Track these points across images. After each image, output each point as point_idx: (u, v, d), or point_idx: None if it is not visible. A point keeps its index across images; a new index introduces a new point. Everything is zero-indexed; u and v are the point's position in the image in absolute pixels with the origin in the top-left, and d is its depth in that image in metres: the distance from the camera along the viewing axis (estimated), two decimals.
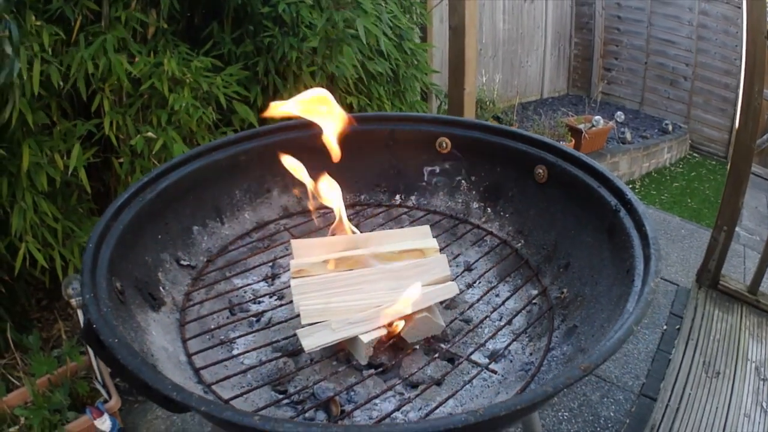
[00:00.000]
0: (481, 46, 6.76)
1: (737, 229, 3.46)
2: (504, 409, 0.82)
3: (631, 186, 6.58)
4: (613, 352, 0.93)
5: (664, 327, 3.22)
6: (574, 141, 6.08)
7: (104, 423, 2.21)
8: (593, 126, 6.35)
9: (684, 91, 7.55)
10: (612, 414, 2.64)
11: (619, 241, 1.32)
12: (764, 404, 2.62)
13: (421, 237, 1.51)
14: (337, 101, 2.89)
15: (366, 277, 1.36)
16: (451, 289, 1.35)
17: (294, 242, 1.46)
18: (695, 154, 7.69)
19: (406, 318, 1.28)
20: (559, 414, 2.62)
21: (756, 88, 2.90)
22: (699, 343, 2.98)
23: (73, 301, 2.27)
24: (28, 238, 2.29)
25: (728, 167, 3.21)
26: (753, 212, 5.52)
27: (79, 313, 2.26)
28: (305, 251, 1.44)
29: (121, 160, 2.50)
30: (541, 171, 1.65)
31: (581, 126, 6.21)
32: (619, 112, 7.43)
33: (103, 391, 2.34)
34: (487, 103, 6.29)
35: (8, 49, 1.98)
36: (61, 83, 2.27)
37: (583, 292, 1.40)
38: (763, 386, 2.73)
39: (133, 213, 1.38)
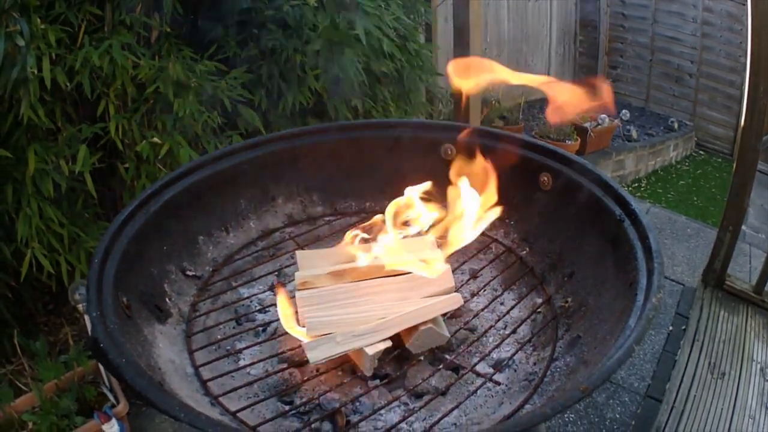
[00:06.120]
0: (485, 45, 6.73)
1: (743, 227, 3.45)
2: (502, 431, 0.83)
3: (637, 184, 6.57)
4: (613, 371, 0.94)
5: (670, 327, 3.21)
6: (579, 139, 6.05)
7: (112, 427, 2.22)
8: (599, 124, 6.32)
9: (689, 88, 7.52)
10: (617, 416, 2.64)
11: (623, 252, 1.32)
12: None
13: (425, 247, 1.51)
14: (342, 104, 2.92)
15: (370, 289, 1.37)
16: (455, 301, 1.35)
17: (299, 253, 1.47)
18: (701, 152, 7.66)
19: (411, 330, 1.29)
20: (565, 416, 2.62)
21: (761, 88, 2.89)
22: (704, 344, 2.98)
23: (80, 307, 2.28)
24: (34, 244, 2.30)
25: (734, 166, 3.20)
26: (759, 210, 5.50)
27: (86, 318, 2.27)
28: (310, 262, 1.45)
29: (127, 165, 2.51)
30: (545, 178, 1.65)
31: (587, 124, 6.18)
32: (624, 110, 7.41)
33: (110, 396, 2.35)
34: (493, 102, 6.26)
35: (21, 42, 2.00)
36: (68, 83, 2.28)
37: (587, 302, 1.40)
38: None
39: (138, 225, 1.39)
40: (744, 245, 4.38)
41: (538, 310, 1.50)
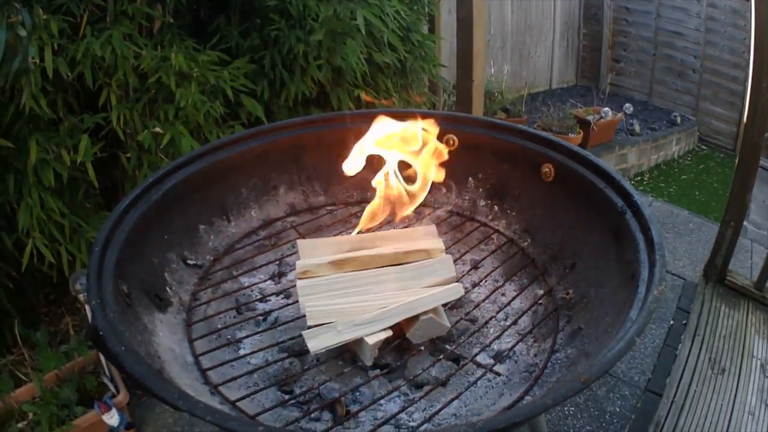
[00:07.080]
0: (489, 37, 6.72)
1: (744, 223, 3.45)
2: (503, 422, 0.83)
3: (639, 178, 6.56)
4: (614, 363, 0.94)
5: (671, 322, 3.21)
6: (582, 132, 6.04)
7: (112, 417, 2.22)
8: (602, 117, 6.31)
9: (692, 83, 7.50)
10: (617, 409, 2.64)
11: (625, 244, 1.32)
12: None
13: (427, 237, 1.51)
14: (345, 94, 2.91)
15: (371, 279, 1.37)
16: (456, 291, 1.35)
17: (300, 242, 1.47)
18: (703, 147, 7.65)
19: (411, 319, 1.29)
20: (565, 409, 2.63)
21: (764, 84, 2.88)
22: (705, 339, 2.98)
23: (81, 297, 2.28)
24: (35, 234, 2.30)
25: (736, 163, 3.19)
26: (761, 206, 5.48)
27: (87, 308, 2.27)
28: (311, 251, 1.44)
29: (128, 155, 2.51)
30: (548, 169, 1.65)
31: (590, 117, 6.17)
32: (627, 104, 7.38)
33: (111, 386, 2.35)
34: (496, 94, 6.26)
35: (22, 32, 1.99)
36: (69, 74, 2.27)
37: (588, 293, 1.40)
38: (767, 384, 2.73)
39: (139, 214, 1.38)
40: (745, 241, 4.37)
41: (540, 301, 1.50)
